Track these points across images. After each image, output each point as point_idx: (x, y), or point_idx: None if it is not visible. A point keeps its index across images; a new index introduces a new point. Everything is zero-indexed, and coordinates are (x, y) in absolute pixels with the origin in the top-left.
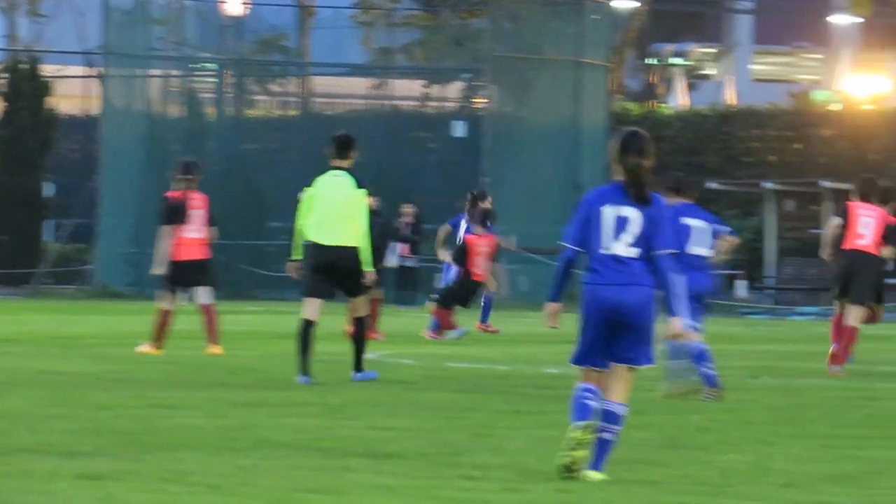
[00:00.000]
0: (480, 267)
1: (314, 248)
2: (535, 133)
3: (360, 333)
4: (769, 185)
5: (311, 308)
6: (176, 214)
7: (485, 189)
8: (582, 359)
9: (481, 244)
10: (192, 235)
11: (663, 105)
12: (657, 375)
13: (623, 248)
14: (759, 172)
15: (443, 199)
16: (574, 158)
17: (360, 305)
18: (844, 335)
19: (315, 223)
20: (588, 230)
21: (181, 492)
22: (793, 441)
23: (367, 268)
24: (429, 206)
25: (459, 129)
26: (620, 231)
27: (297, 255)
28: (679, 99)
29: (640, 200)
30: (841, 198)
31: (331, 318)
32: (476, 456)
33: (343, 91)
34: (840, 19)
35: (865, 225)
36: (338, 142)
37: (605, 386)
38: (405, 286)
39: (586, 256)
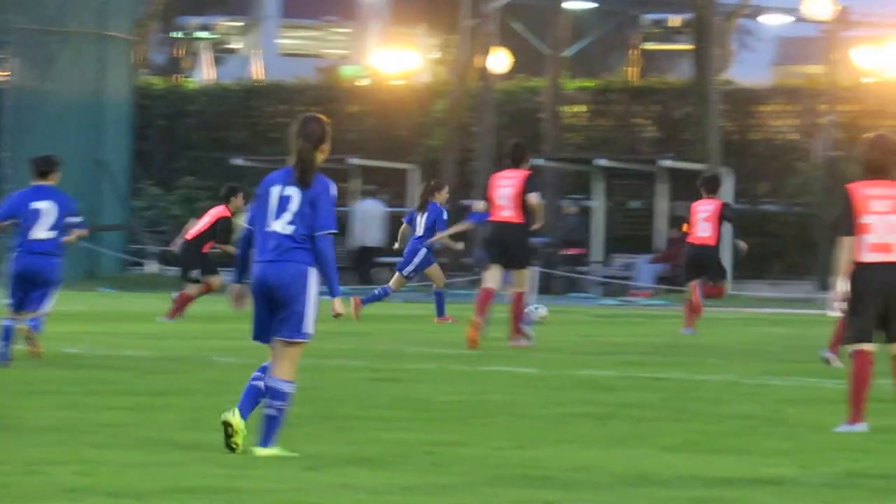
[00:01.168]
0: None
1: None
2: (59, 107)
3: None
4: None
5: None
6: None
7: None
8: (255, 335)
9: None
10: None
11: (188, 79)
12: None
13: (282, 225)
14: (285, 148)
15: None
16: (97, 133)
17: None
18: (482, 298)
19: None
20: (259, 210)
21: None
22: (317, 423)
23: None
24: None
25: None
26: (282, 210)
27: None
28: (205, 73)
29: (303, 182)
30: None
31: None
32: None
33: None
34: None
35: (504, 196)
36: None
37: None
38: None
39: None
